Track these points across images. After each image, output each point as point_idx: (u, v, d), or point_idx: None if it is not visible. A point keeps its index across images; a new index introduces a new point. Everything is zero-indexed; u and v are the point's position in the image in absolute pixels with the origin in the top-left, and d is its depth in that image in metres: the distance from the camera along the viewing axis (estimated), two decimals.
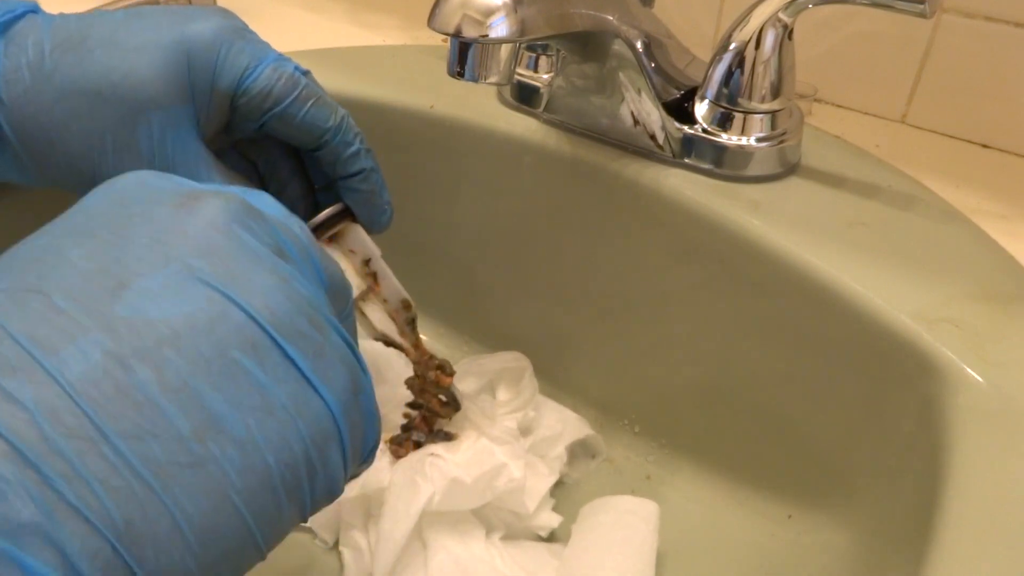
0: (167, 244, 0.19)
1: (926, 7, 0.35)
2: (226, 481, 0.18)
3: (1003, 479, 0.30)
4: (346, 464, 0.21)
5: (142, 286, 0.18)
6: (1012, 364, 0.34)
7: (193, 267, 0.19)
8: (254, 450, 0.18)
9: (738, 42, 0.42)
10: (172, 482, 0.17)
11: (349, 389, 0.21)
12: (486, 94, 0.52)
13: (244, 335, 0.19)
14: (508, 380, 0.48)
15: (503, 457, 0.42)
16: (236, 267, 0.19)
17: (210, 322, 0.18)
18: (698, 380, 0.47)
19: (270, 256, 0.20)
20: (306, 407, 0.19)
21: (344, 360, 0.21)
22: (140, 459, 0.17)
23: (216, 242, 0.19)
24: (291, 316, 0.20)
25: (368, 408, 0.22)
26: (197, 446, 0.18)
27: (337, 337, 0.21)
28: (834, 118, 0.53)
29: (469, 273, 0.55)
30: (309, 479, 0.20)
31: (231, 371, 0.18)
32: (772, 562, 0.43)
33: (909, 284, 0.38)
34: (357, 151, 0.35)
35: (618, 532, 0.40)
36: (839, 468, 0.42)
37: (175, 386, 0.18)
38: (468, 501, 0.41)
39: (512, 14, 0.35)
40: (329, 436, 0.20)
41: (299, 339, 0.20)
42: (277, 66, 0.33)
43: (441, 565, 0.40)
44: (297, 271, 0.21)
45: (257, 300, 0.19)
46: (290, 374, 0.19)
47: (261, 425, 0.19)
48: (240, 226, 0.20)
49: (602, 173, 0.46)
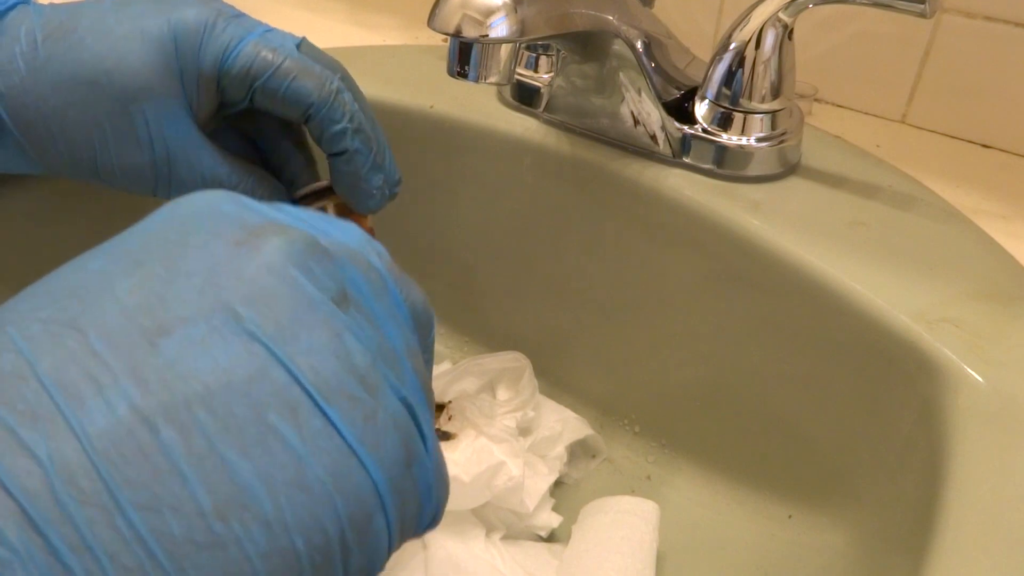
0: (218, 287, 0.18)
1: (926, 7, 0.35)
2: (246, 565, 0.16)
3: (1003, 479, 0.30)
4: (391, 539, 0.19)
5: (184, 334, 0.17)
6: (1012, 364, 0.34)
7: (241, 316, 0.17)
8: (281, 530, 0.17)
9: (738, 42, 0.42)
10: (187, 563, 0.16)
11: (401, 460, 0.18)
12: (486, 94, 0.52)
13: (284, 397, 0.17)
14: (508, 380, 0.48)
15: (501, 455, 0.42)
16: (285, 319, 0.18)
17: (248, 380, 0.17)
18: (698, 380, 0.47)
19: (326, 305, 0.18)
20: (346, 481, 0.17)
21: (399, 425, 0.19)
22: (155, 535, 0.16)
23: (269, 288, 0.18)
24: (339, 377, 0.18)
25: (424, 479, 0.19)
26: (218, 524, 0.16)
27: (393, 399, 0.19)
28: (834, 118, 0.53)
29: (469, 273, 0.55)
30: (343, 559, 0.18)
31: (265, 438, 0.17)
32: (772, 562, 0.43)
33: (909, 284, 0.38)
34: (343, 130, 0.34)
35: (618, 532, 0.40)
36: (839, 468, 0.42)
37: (201, 452, 0.16)
38: (467, 500, 0.41)
39: (512, 14, 0.35)
40: (371, 513, 0.18)
41: (346, 402, 0.18)
42: (259, 41, 0.33)
43: (441, 565, 0.40)
44: (360, 318, 0.19)
45: (302, 358, 0.17)
46: (332, 443, 0.17)
47: (292, 502, 0.17)
48: (299, 269, 0.18)
49: (602, 173, 0.46)
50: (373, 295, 0.20)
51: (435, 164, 0.53)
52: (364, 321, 0.19)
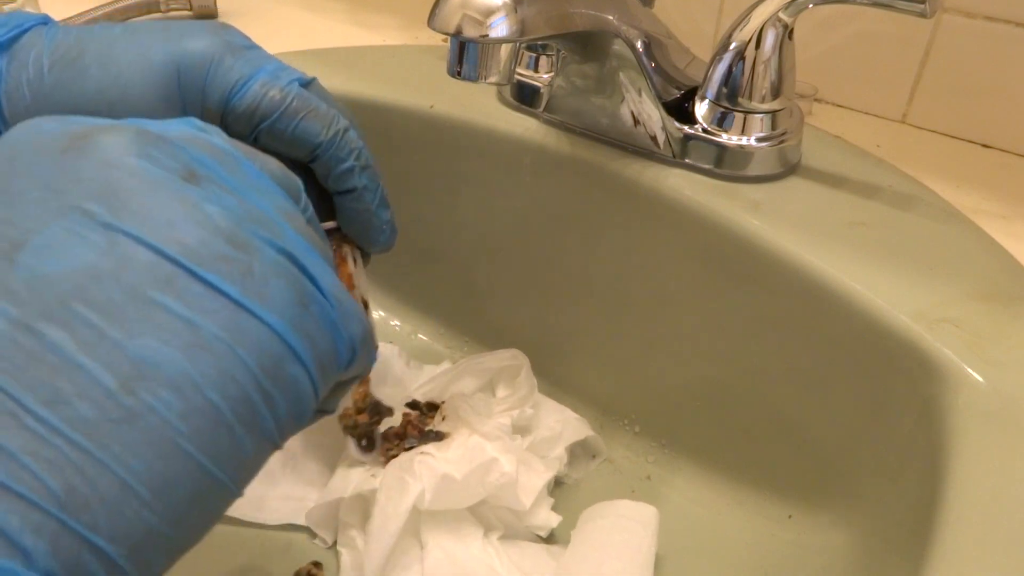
0: (59, 192, 0.18)
1: (926, 7, 0.35)
2: (168, 428, 0.17)
3: (1003, 479, 0.30)
4: (312, 380, 0.20)
5: (38, 243, 0.17)
6: (1012, 364, 0.34)
7: (90, 212, 0.18)
8: (193, 390, 0.17)
9: (738, 42, 0.42)
10: (109, 440, 0.17)
11: (293, 302, 0.19)
12: (486, 94, 0.52)
13: (157, 273, 0.18)
14: (506, 378, 0.48)
15: (494, 452, 0.42)
16: (136, 203, 0.18)
17: (117, 267, 0.17)
18: (698, 380, 0.47)
19: (175, 182, 0.19)
20: (244, 333, 0.18)
21: (281, 272, 0.19)
22: (67, 424, 0.16)
23: (112, 180, 0.18)
24: (205, 242, 0.18)
25: (325, 316, 0.20)
26: (127, 398, 0.17)
27: (269, 250, 0.19)
28: (834, 118, 0.53)
29: (469, 272, 0.55)
30: (267, 406, 0.19)
31: (150, 313, 0.17)
32: (772, 562, 0.43)
33: (909, 284, 0.38)
34: (350, 168, 0.34)
35: (616, 536, 0.40)
36: (839, 468, 0.42)
37: (90, 340, 0.17)
38: (460, 498, 0.41)
39: (512, 14, 0.35)
40: (279, 357, 0.19)
41: (219, 264, 0.18)
42: (266, 81, 0.32)
43: (438, 564, 0.40)
44: (215, 188, 0.19)
45: (164, 234, 0.18)
46: (218, 303, 0.18)
47: (196, 363, 0.18)
48: (137, 156, 0.19)
49: (602, 173, 0.46)
50: (225, 169, 0.20)
51: (435, 164, 0.53)
52: (220, 191, 0.20)
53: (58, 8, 0.39)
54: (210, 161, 0.20)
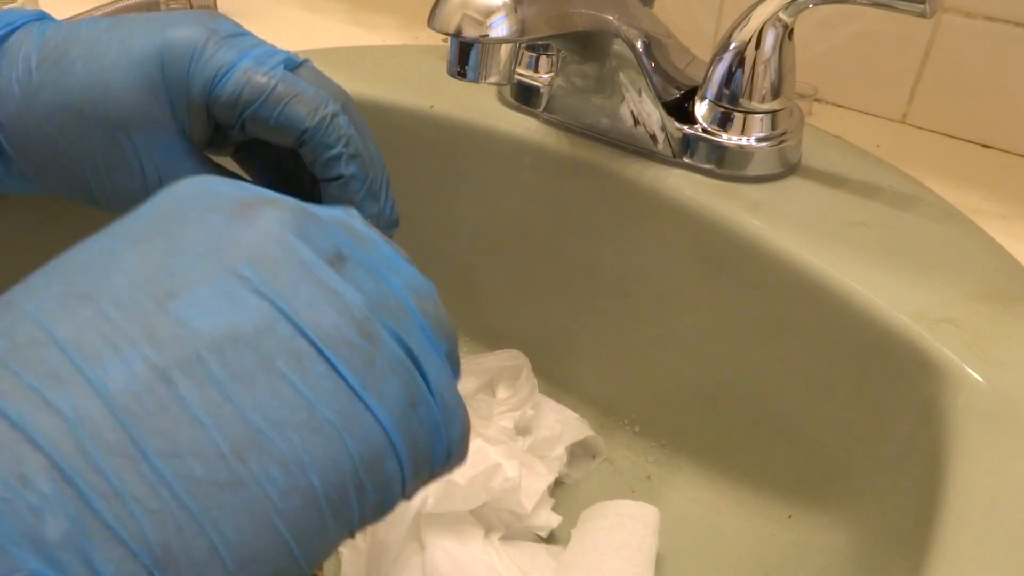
0: (219, 253, 0.19)
1: (926, 7, 0.35)
2: (268, 502, 0.17)
3: (1003, 479, 0.30)
4: (404, 479, 0.20)
5: (190, 296, 0.18)
6: (1012, 364, 0.34)
7: (244, 277, 0.18)
8: (298, 469, 0.18)
9: (738, 42, 0.42)
10: (211, 503, 0.17)
11: (405, 401, 0.19)
12: (486, 94, 0.52)
13: (290, 347, 0.18)
14: (506, 378, 0.48)
15: (497, 457, 0.42)
16: (286, 278, 0.19)
17: (256, 333, 0.18)
18: (698, 380, 0.47)
19: (322, 266, 0.19)
20: (355, 423, 0.18)
21: (398, 370, 0.20)
22: (179, 479, 0.16)
23: (268, 252, 0.19)
24: (339, 327, 0.19)
25: (429, 418, 0.20)
26: (238, 465, 0.17)
27: (393, 345, 0.20)
28: (834, 118, 0.53)
29: (469, 273, 0.55)
30: (358, 498, 0.19)
31: (275, 385, 0.18)
32: (772, 562, 0.43)
33: (909, 284, 0.38)
34: (337, 155, 0.33)
35: (617, 536, 0.40)
36: (839, 468, 0.42)
37: (216, 401, 0.17)
38: (463, 502, 0.41)
39: (512, 14, 0.35)
40: (381, 453, 0.19)
41: (347, 351, 0.19)
42: (249, 67, 0.31)
43: (438, 565, 0.40)
44: (359, 273, 0.20)
45: (304, 312, 0.18)
46: (338, 388, 0.18)
47: (306, 443, 0.18)
48: (294, 235, 0.19)
49: (602, 173, 0.46)
50: (366, 251, 0.21)
51: (435, 164, 0.53)
52: (362, 273, 0.20)
53: (58, 8, 0.39)
54: (354, 243, 0.21)
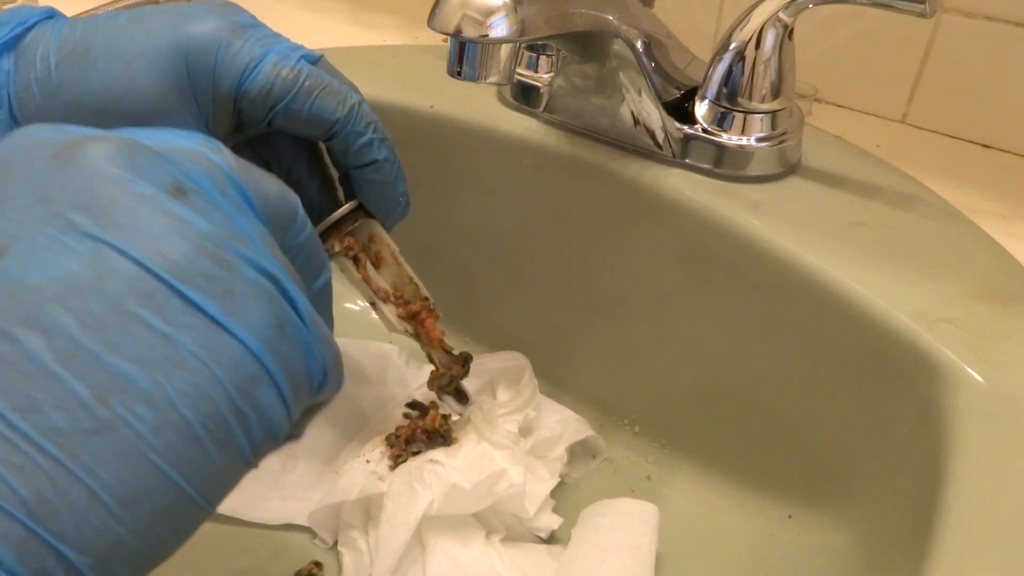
0: (46, 200, 0.18)
1: (926, 7, 0.35)
2: (140, 441, 0.17)
3: (1003, 479, 0.30)
4: (285, 401, 0.20)
5: (21, 250, 0.18)
6: (1012, 364, 0.34)
7: (75, 221, 0.18)
8: (166, 405, 0.18)
9: (738, 42, 0.42)
10: (80, 451, 0.17)
11: (271, 323, 0.19)
12: (486, 94, 0.52)
13: (138, 286, 0.18)
14: (508, 380, 0.48)
15: (503, 463, 0.42)
16: (122, 215, 0.18)
17: (98, 278, 0.18)
18: (698, 380, 0.47)
19: (162, 197, 0.19)
20: (220, 351, 0.18)
21: (260, 294, 0.19)
22: (39, 431, 0.16)
23: (98, 191, 0.18)
24: (189, 258, 0.18)
25: (302, 340, 0.20)
26: (101, 410, 0.17)
27: (251, 270, 0.19)
28: (834, 118, 0.53)
29: (469, 273, 0.55)
30: (240, 425, 0.19)
31: (128, 326, 0.18)
32: (772, 562, 0.43)
33: (909, 284, 0.38)
34: (369, 141, 0.34)
35: (617, 534, 0.40)
36: (839, 468, 0.42)
37: (68, 351, 0.17)
38: (468, 506, 0.41)
39: (512, 14, 0.35)
40: (254, 376, 0.19)
41: (201, 281, 0.18)
42: (277, 61, 0.32)
43: (440, 567, 0.40)
44: (203, 205, 0.19)
45: (148, 247, 0.18)
46: (197, 319, 0.18)
47: (170, 378, 0.18)
48: (126, 169, 0.19)
49: (602, 173, 0.46)
50: (215, 188, 0.20)
51: (435, 164, 0.53)
52: (207, 207, 0.20)
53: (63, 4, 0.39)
54: (202, 177, 0.20)
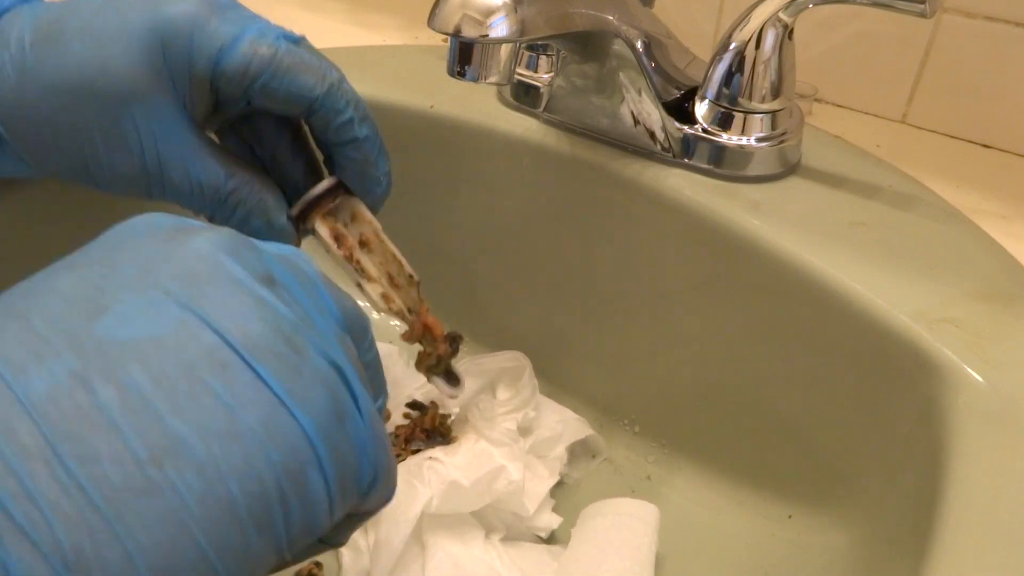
0: (150, 272, 0.19)
1: (926, 7, 0.35)
2: (184, 511, 0.17)
3: (1003, 479, 0.30)
4: (331, 496, 0.20)
5: (119, 311, 0.18)
6: (1012, 364, 0.34)
7: (171, 292, 0.19)
8: (216, 476, 0.17)
9: (738, 42, 0.42)
10: (125, 509, 0.17)
11: (331, 411, 0.19)
12: (486, 94, 0.52)
13: (214, 356, 0.18)
14: (508, 380, 0.48)
15: (502, 459, 0.42)
16: (213, 291, 0.19)
17: (179, 342, 0.18)
18: (698, 380, 0.47)
19: (252, 282, 0.20)
20: (277, 431, 0.18)
21: (325, 382, 0.20)
22: (93, 483, 0.16)
23: (198, 269, 0.19)
24: (265, 336, 0.19)
25: (357, 435, 0.20)
26: (153, 471, 0.17)
27: (320, 358, 0.20)
28: (834, 118, 0.53)
29: (469, 273, 0.55)
30: (283, 510, 0.19)
31: (196, 392, 0.18)
32: (772, 562, 0.43)
33: (909, 284, 0.38)
34: (349, 119, 0.33)
35: (617, 534, 0.40)
36: (839, 468, 0.42)
37: (135, 407, 0.17)
38: (467, 504, 0.41)
39: (512, 14, 0.35)
40: (305, 463, 0.19)
41: (272, 359, 0.19)
42: (254, 39, 0.31)
43: (439, 566, 0.40)
44: (287, 296, 0.20)
45: (229, 322, 0.19)
46: (262, 396, 0.18)
47: (225, 450, 0.18)
48: (227, 255, 0.20)
49: (602, 173, 0.46)
50: (300, 288, 0.21)
51: (435, 164, 0.53)
52: (291, 299, 0.20)
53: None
54: (291, 277, 0.21)
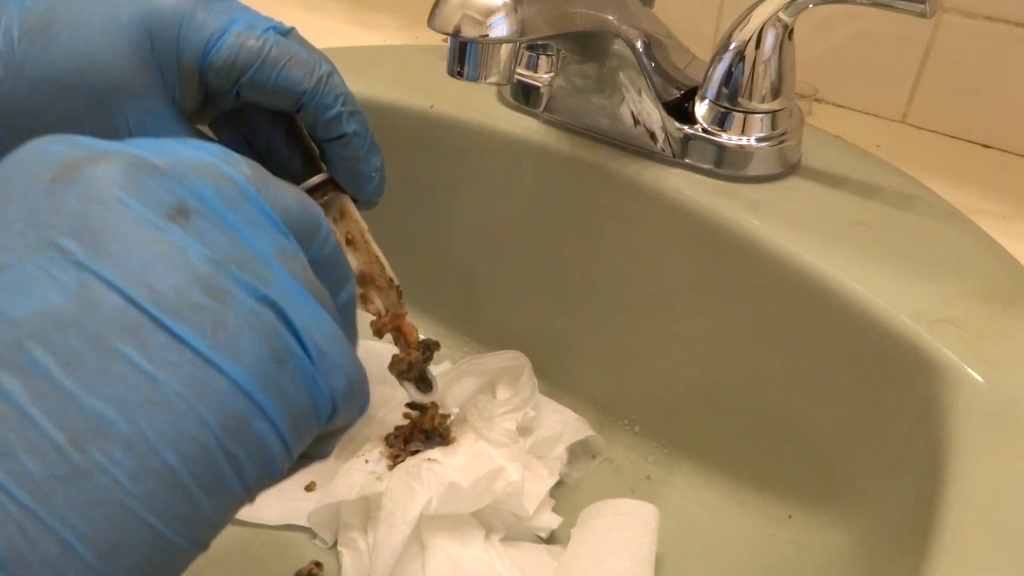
0: (39, 226, 0.17)
1: (926, 7, 0.35)
2: (118, 489, 0.16)
3: (1003, 479, 0.30)
4: (284, 438, 0.19)
5: (10, 279, 0.17)
6: (1012, 364, 0.34)
7: (65, 249, 0.17)
8: (147, 449, 0.16)
9: (738, 42, 0.42)
10: (53, 499, 0.16)
11: (266, 357, 0.18)
12: (486, 94, 0.52)
13: (122, 321, 0.17)
14: (507, 379, 0.48)
15: (501, 460, 0.42)
16: (113, 242, 0.17)
17: (81, 311, 0.17)
18: (698, 380, 0.47)
19: (159, 221, 0.18)
20: (207, 390, 0.17)
21: (256, 326, 0.18)
22: (11, 478, 0.15)
23: (91, 216, 0.17)
24: (178, 289, 0.17)
25: (305, 373, 0.19)
26: (76, 455, 0.16)
27: (249, 299, 0.18)
28: (834, 118, 0.53)
29: (469, 273, 0.55)
30: (232, 466, 0.18)
31: (109, 364, 0.16)
32: (772, 562, 0.43)
33: (909, 284, 0.38)
34: (338, 114, 0.33)
35: (616, 535, 0.40)
36: (839, 468, 0.42)
37: (44, 391, 0.16)
38: (466, 505, 0.41)
39: (512, 14, 0.35)
40: (245, 415, 0.18)
41: (189, 313, 0.17)
42: (242, 32, 0.31)
43: (439, 566, 0.40)
44: (206, 226, 0.18)
45: (135, 277, 0.17)
46: (183, 356, 0.17)
47: (152, 420, 0.16)
48: (126, 191, 0.18)
49: (602, 173, 0.46)
50: (225, 203, 0.19)
51: (435, 164, 0.53)
52: (211, 228, 0.18)
53: None
54: (210, 193, 0.19)
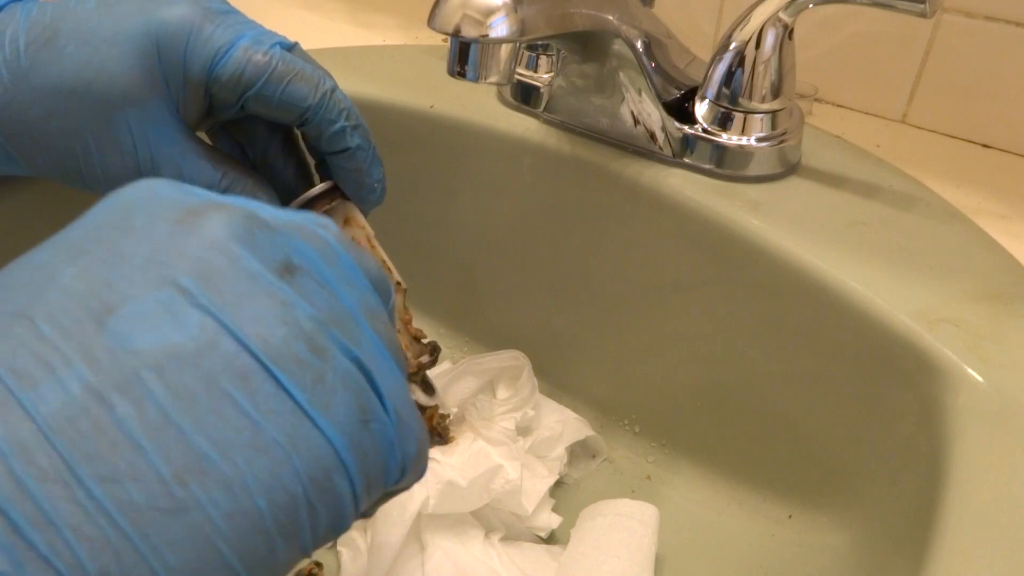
0: (161, 264, 0.18)
1: (926, 7, 0.35)
2: (211, 527, 0.17)
3: (1003, 479, 0.30)
4: (357, 497, 0.19)
5: (130, 311, 0.17)
6: (1012, 364, 0.34)
7: (186, 290, 0.18)
8: (243, 492, 0.17)
9: (738, 42, 0.42)
10: (151, 529, 0.16)
11: (356, 418, 0.19)
12: (486, 94, 0.52)
13: (235, 366, 0.18)
14: (507, 379, 0.48)
15: (499, 459, 0.42)
16: (231, 291, 0.18)
17: (199, 352, 0.17)
18: (698, 380, 0.47)
19: (269, 277, 0.19)
20: (303, 442, 0.18)
21: (349, 385, 0.19)
22: (116, 504, 0.16)
23: (213, 263, 0.18)
24: (286, 342, 0.18)
25: (383, 434, 0.20)
26: (179, 489, 0.16)
27: (343, 360, 0.19)
28: (834, 118, 0.53)
29: (469, 273, 0.55)
30: (309, 518, 0.18)
31: (219, 405, 0.17)
32: (772, 562, 0.43)
33: (909, 284, 0.38)
34: (341, 129, 0.34)
35: (616, 535, 0.40)
36: (839, 468, 0.42)
37: (156, 423, 0.17)
38: (464, 504, 0.41)
39: (512, 14, 0.35)
40: (331, 471, 0.18)
41: (295, 367, 0.18)
42: (249, 46, 0.31)
43: (439, 566, 0.40)
44: (308, 284, 0.19)
45: (250, 327, 0.18)
46: (285, 406, 0.18)
47: (251, 465, 0.17)
48: (240, 244, 0.19)
49: (602, 173, 0.46)
50: (322, 261, 0.20)
51: (435, 164, 0.53)
52: (313, 286, 0.19)
53: None
54: (310, 251, 0.20)
